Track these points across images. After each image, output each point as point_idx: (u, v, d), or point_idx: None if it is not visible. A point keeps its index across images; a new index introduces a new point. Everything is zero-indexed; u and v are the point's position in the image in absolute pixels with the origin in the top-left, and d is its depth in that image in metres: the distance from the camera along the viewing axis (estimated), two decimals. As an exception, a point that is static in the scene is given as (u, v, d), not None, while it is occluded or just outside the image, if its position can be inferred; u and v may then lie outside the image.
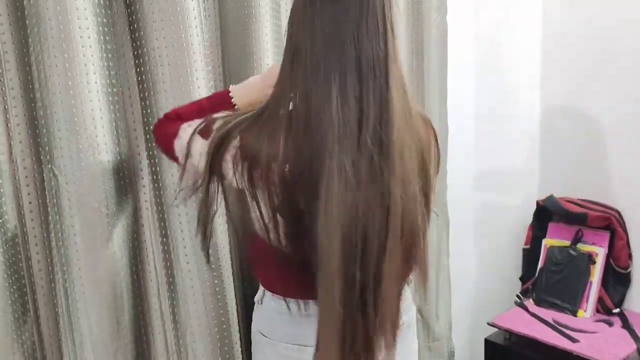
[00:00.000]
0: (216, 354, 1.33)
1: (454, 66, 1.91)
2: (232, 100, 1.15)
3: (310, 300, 1.04)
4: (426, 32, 1.81)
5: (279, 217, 0.96)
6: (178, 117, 1.12)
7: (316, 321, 0.99)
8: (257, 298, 1.15)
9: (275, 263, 1.04)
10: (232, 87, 1.17)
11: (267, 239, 0.99)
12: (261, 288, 1.14)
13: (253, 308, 1.52)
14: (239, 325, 1.38)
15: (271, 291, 1.11)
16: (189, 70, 1.22)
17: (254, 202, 0.97)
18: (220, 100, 1.15)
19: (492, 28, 2.08)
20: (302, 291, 1.03)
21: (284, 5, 1.48)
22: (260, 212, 0.97)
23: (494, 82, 2.11)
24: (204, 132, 1.00)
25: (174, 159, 1.08)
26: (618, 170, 1.95)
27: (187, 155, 1.01)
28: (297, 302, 1.06)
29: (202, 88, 1.24)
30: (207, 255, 1.15)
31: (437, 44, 1.84)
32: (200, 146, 0.99)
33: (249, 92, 1.15)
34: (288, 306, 1.07)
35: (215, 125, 0.98)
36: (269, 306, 1.11)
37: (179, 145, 1.04)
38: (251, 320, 1.51)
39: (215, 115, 1.02)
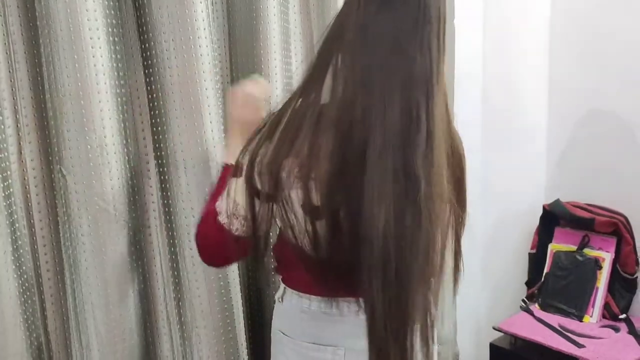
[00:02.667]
0: (222, 356, 1.33)
1: (461, 69, 1.91)
2: (229, 164, 1.06)
3: (332, 299, 1.03)
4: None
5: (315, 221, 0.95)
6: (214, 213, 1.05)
7: (337, 320, 1.03)
8: (277, 296, 1.14)
9: (299, 261, 1.03)
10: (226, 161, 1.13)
11: (295, 241, 0.98)
12: (282, 285, 1.12)
13: (258, 311, 1.53)
14: (245, 328, 1.38)
15: (293, 289, 1.09)
16: (197, 73, 1.23)
17: (285, 208, 0.96)
18: (226, 175, 1.07)
19: (500, 32, 2.08)
20: (324, 289, 1.02)
21: (292, 8, 1.48)
22: (294, 217, 0.96)
23: (501, 85, 2.10)
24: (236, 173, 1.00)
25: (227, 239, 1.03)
26: (625, 175, 1.95)
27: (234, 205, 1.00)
28: (319, 300, 1.05)
29: (209, 90, 1.25)
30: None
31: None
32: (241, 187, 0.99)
33: (234, 141, 1.12)
34: (310, 304, 1.06)
35: (242, 159, 0.98)
36: (290, 304, 1.10)
37: (225, 213, 1.01)
38: (257, 322, 1.52)
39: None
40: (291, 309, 1.10)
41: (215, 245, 1.07)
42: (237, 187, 0.99)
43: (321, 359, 1.06)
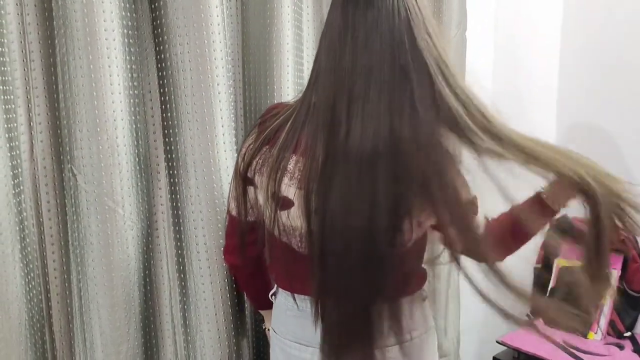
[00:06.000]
0: (225, 361, 1.32)
1: (470, 80, 1.91)
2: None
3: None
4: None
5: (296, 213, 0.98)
6: None
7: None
8: (270, 293, 1.17)
9: (284, 257, 1.05)
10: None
11: (278, 234, 1.01)
12: (274, 284, 1.15)
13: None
14: (249, 332, 1.38)
15: (280, 287, 1.12)
16: (210, 76, 1.23)
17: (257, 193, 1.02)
18: None
19: (510, 44, 2.08)
20: (308, 288, 1.03)
21: (306, 15, 1.49)
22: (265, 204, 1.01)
23: (510, 98, 2.10)
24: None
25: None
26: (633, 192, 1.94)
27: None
28: (302, 300, 1.06)
29: (222, 94, 1.25)
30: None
31: (455, 61, 1.84)
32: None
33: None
34: (293, 303, 1.07)
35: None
36: (279, 302, 1.12)
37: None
38: (261, 328, 1.51)
39: None
40: (279, 307, 1.12)
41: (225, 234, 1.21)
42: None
43: (301, 358, 1.07)
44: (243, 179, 1.05)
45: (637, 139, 1.91)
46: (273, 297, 1.15)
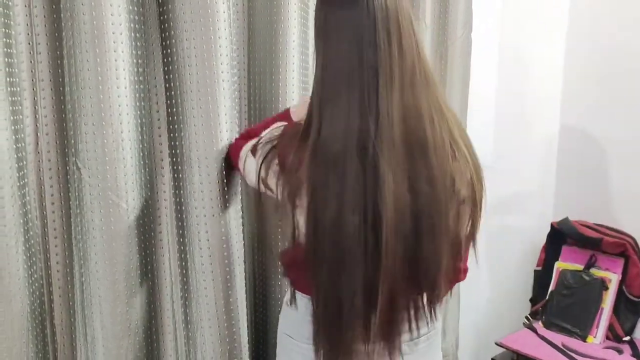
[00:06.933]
0: (225, 358, 1.32)
1: (475, 84, 1.91)
2: (292, 116, 1.23)
3: None
4: (450, 48, 1.81)
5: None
6: (248, 134, 1.23)
7: None
8: (286, 299, 1.15)
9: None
10: (291, 107, 1.29)
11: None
12: (291, 289, 1.13)
13: (263, 311, 1.53)
14: (250, 329, 1.38)
15: (303, 292, 1.11)
16: (216, 72, 1.23)
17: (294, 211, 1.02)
18: (283, 117, 1.24)
19: (515, 47, 2.08)
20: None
21: (312, 12, 1.48)
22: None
23: (514, 103, 2.10)
24: (254, 151, 1.11)
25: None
26: (635, 196, 1.94)
27: (244, 174, 1.17)
28: None
29: (226, 90, 1.25)
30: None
31: (461, 61, 1.84)
32: (250, 164, 1.12)
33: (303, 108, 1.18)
34: None
35: (260, 143, 1.08)
36: (299, 307, 1.11)
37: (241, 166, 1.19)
38: (260, 325, 1.51)
39: (263, 133, 1.12)
40: (299, 312, 1.11)
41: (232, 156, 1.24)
42: (248, 164, 1.14)
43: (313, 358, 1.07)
44: (292, 205, 1.02)
45: (639, 143, 1.91)
46: (288, 304, 1.14)
